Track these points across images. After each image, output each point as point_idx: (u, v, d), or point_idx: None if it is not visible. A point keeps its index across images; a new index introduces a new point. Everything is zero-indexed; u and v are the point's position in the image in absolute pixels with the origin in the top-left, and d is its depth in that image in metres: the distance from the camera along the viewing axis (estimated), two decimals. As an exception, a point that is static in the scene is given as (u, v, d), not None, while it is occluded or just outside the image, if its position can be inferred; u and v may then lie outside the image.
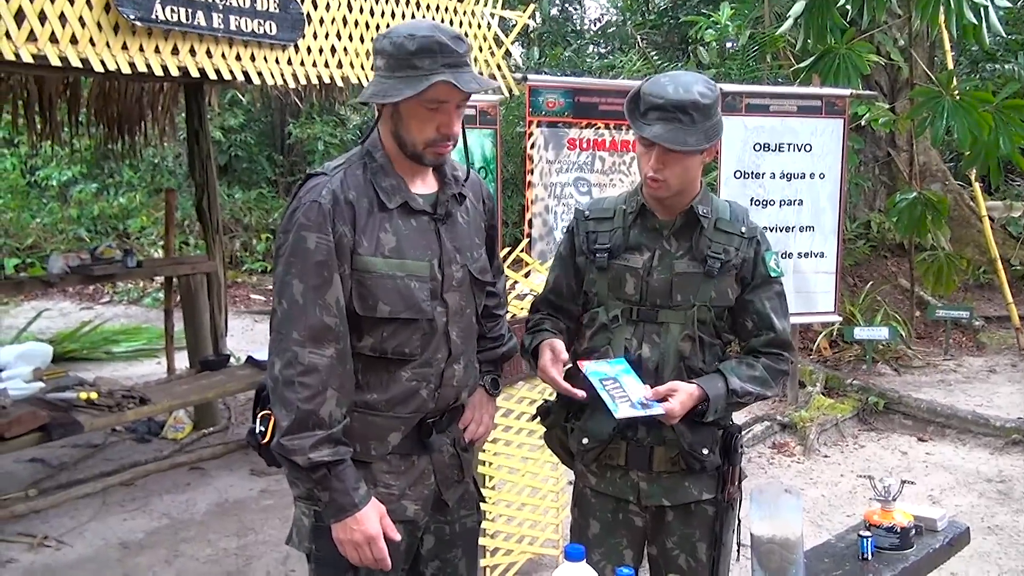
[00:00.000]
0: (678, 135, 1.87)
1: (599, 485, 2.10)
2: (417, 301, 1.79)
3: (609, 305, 2.05)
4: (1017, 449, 5.07)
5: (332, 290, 1.72)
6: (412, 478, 1.88)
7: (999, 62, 10.27)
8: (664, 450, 2.01)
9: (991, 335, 7.37)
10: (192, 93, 5.38)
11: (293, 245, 1.72)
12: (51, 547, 3.88)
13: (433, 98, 1.71)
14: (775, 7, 7.61)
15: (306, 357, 1.70)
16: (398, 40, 1.70)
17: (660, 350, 2.00)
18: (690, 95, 1.87)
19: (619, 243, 2.04)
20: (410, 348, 1.82)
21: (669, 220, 2.03)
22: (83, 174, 11.70)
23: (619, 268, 2.03)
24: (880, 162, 8.34)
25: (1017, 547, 3.89)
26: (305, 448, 1.69)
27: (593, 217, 2.11)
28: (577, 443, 2.10)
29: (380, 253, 1.77)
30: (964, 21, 5.26)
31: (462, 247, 1.90)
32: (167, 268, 5.61)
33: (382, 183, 1.79)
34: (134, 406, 3.98)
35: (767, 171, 4.80)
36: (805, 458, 5.09)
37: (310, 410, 1.69)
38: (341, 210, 1.73)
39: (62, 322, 8.54)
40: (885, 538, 2.13)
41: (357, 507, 1.73)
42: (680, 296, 2.00)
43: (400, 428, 1.84)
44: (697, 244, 2.01)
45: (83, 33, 2.83)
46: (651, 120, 1.89)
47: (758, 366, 2.04)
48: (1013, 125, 5.26)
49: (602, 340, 2.05)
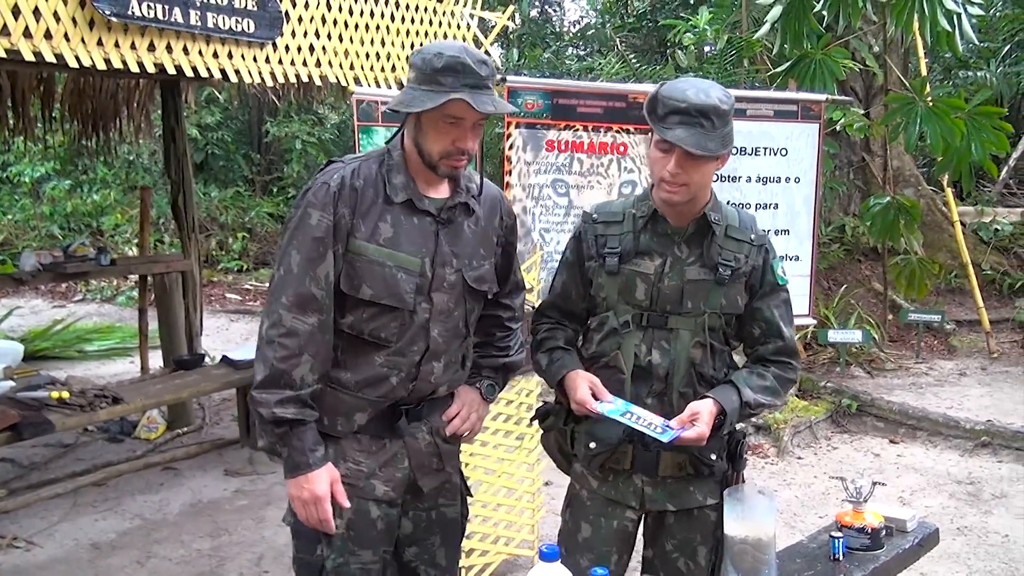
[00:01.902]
0: (700, 139, 1.87)
1: (600, 489, 2.10)
2: (400, 291, 1.89)
3: (619, 310, 2.04)
4: (986, 451, 5.14)
5: (324, 265, 1.85)
6: (382, 459, 1.97)
7: (972, 69, 10.43)
8: (671, 455, 2.02)
9: (962, 339, 7.47)
10: (168, 90, 5.34)
11: (299, 219, 1.87)
12: (21, 548, 3.84)
13: (450, 113, 1.83)
14: (752, 12, 7.66)
15: (289, 321, 1.83)
16: (428, 56, 1.83)
17: (671, 357, 2.01)
18: (711, 100, 1.88)
19: (630, 247, 2.04)
20: (386, 334, 1.91)
21: (681, 226, 2.03)
22: (56, 170, 11.56)
23: (630, 273, 2.03)
24: (855, 167, 8.42)
25: (985, 547, 3.94)
26: (271, 403, 1.81)
27: (602, 220, 2.09)
28: (583, 447, 2.10)
29: (375, 240, 1.88)
30: (938, 28, 5.32)
31: (461, 253, 1.98)
32: (142, 266, 5.57)
33: (393, 179, 1.92)
34: (107, 405, 3.94)
35: (743, 175, 4.83)
36: (779, 460, 5.13)
37: (283, 369, 1.82)
38: (346, 194, 1.87)
39: (34, 320, 8.43)
40: (856, 539, 2.15)
41: (311, 467, 1.84)
42: (691, 303, 2.01)
43: (367, 409, 1.94)
44: (708, 251, 2.01)
45: (58, 28, 2.80)
46: (671, 124, 1.89)
47: (768, 376, 2.06)
48: (985, 131, 5.32)
49: (611, 345, 2.05)
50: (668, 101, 1.90)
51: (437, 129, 1.86)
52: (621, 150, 4.41)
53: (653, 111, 1.95)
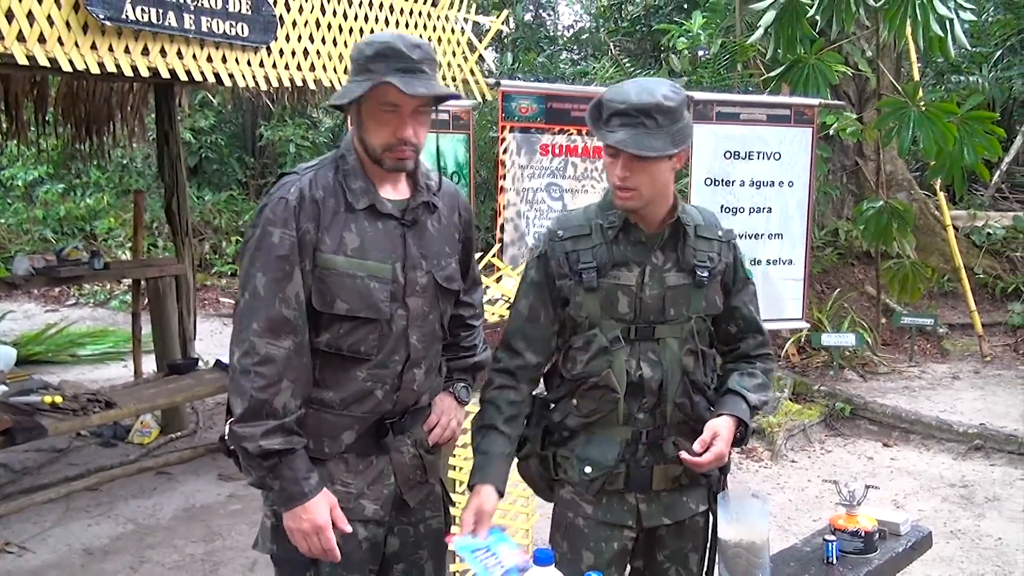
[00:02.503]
0: (642, 140, 1.79)
1: (596, 514, 1.99)
2: (375, 301, 1.83)
3: (604, 326, 1.93)
4: (979, 454, 5.16)
5: (292, 284, 1.76)
6: (370, 477, 1.90)
7: (964, 74, 10.48)
8: (664, 468, 1.97)
9: (955, 342, 7.50)
10: (162, 94, 5.33)
11: (259, 239, 1.77)
12: (13, 553, 3.82)
13: (383, 100, 1.76)
14: (746, 17, 7.69)
15: (263, 347, 1.74)
16: (361, 46, 1.78)
17: (662, 368, 1.93)
18: (653, 98, 1.80)
19: (605, 260, 1.93)
20: (366, 347, 1.84)
21: (656, 233, 1.94)
22: (49, 174, 11.53)
23: (610, 287, 1.92)
24: (848, 171, 8.45)
25: (979, 551, 3.95)
26: (256, 436, 1.72)
27: (569, 236, 1.96)
28: (577, 473, 1.98)
29: (342, 252, 1.80)
30: (930, 33, 5.35)
31: (429, 254, 1.92)
32: (135, 270, 5.56)
33: (351, 185, 1.84)
34: (100, 410, 3.93)
35: (737, 179, 4.85)
36: (773, 463, 5.14)
37: (264, 399, 1.73)
38: (307, 207, 1.78)
39: (26, 324, 8.41)
40: (850, 542, 2.16)
41: (307, 496, 1.76)
42: (673, 310, 1.94)
43: (354, 427, 1.87)
44: (683, 255, 1.95)
45: (51, 32, 2.80)
46: (614, 127, 1.82)
47: (758, 373, 2.04)
48: (977, 136, 5.36)
49: (601, 364, 1.93)
50: (610, 104, 1.83)
51: (376, 120, 1.79)
52: (615, 154, 4.41)
53: (598, 116, 1.88)
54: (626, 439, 1.95)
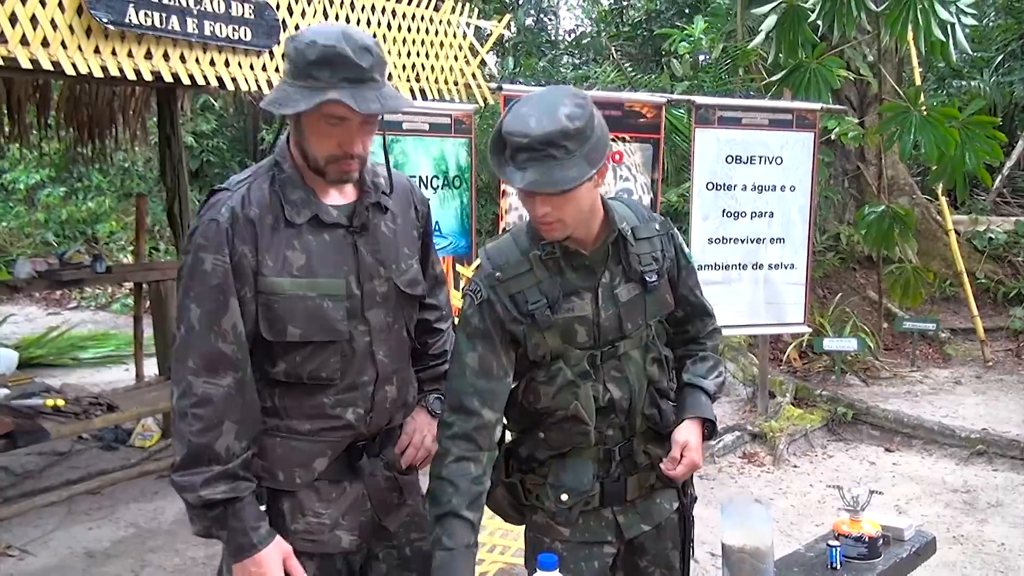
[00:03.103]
0: (554, 174, 1.63)
1: (573, 536, 1.91)
2: (331, 322, 1.68)
3: (567, 356, 1.82)
4: (982, 460, 5.15)
5: (228, 315, 1.61)
6: (344, 506, 1.78)
7: (965, 79, 10.49)
8: (637, 478, 1.93)
9: (957, 347, 7.49)
10: (164, 98, 5.34)
11: (191, 267, 1.62)
12: (15, 556, 3.82)
13: (330, 113, 1.60)
14: (747, 21, 7.70)
15: (200, 387, 1.60)
16: (300, 46, 1.58)
17: (629, 384, 1.86)
18: (556, 124, 1.62)
19: (555, 294, 1.79)
20: (327, 372, 1.71)
21: (597, 250, 1.82)
22: (51, 178, 11.54)
23: (566, 320, 1.80)
24: (849, 175, 8.45)
25: (982, 556, 3.94)
26: (196, 485, 1.59)
27: (509, 277, 1.79)
28: (553, 501, 1.88)
29: (287, 273, 1.66)
30: (932, 38, 5.35)
31: (386, 259, 1.78)
32: (137, 274, 5.56)
33: (290, 196, 1.68)
34: (101, 413, 3.94)
35: (739, 183, 4.85)
36: (775, 468, 5.13)
37: (204, 444, 1.59)
38: (240, 228, 1.63)
39: (28, 328, 8.41)
40: (853, 548, 2.16)
41: (256, 547, 1.62)
42: (631, 324, 1.85)
43: (327, 453, 1.74)
44: (629, 264, 1.85)
45: (55, 36, 2.80)
46: (521, 163, 1.65)
47: (708, 355, 2.00)
48: (979, 140, 5.35)
49: (567, 398, 1.82)
50: (511, 138, 1.65)
51: (319, 132, 1.63)
52: (617, 158, 4.41)
53: (501, 151, 1.69)
54: (598, 458, 1.89)
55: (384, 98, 1.60)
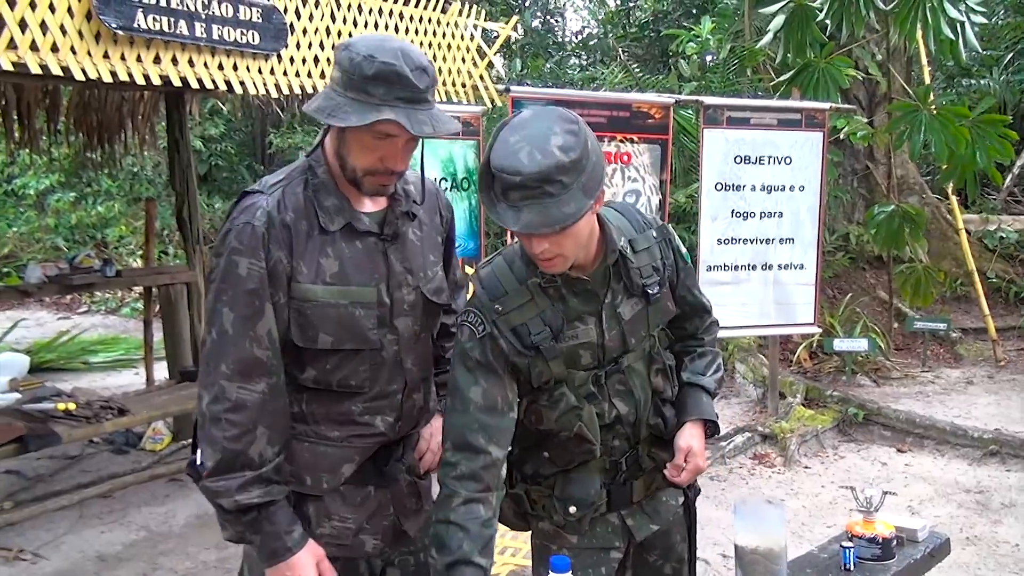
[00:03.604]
0: (551, 212, 1.54)
1: (582, 542, 1.88)
2: (362, 330, 1.68)
3: (571, 379, 1.77)
4: (995, 460, 5.12)
5: (264, 321, 1.61)
6: (369, 510, 1.78)
7: (975, 77, 10.45)
8: (643, 480, 1.91)
9: (968, 347, 7.45)
10: (173, 102, 5.35)
11: (224, 271, 1.61)
12: (27, 560, 3.83)
13: (380, 130, 1.59)
14: (755, 21, 7.69)
15: (234, 392, 1.59)
16: (357, 58, 1.56)
17: (634, 398, 1.83)
18: (550, 159, 1.53)
19: (559, 323, 1.73)
20: (357, 381, 1.71)
21: (596, 270, 1.75)
22: (61, 183, 11.60)
23: (571, 348, 1.75)
24: (859, 175, 8.43)
25: (995, 558, 3.92)
26: (232, 489, 1.59)
27: (511, 309, 1.72)
28: (562, 515, 1.85)
29: (321, 280, 1.65)
30: (941, 37, 5.33)
31: (414, 268, 1.78)
32: (147, 278, 5.58)
33: (324, 203, 1.67)
34: (112, 417, 3.95)
35: (747, 183, 4.84)
36: (786, 469, 5.11)
37: (238, 450, 1.59)
38: (276, 233, 1.62)
39: (38, 332, 8.44)
40: (867, 549, 2.14)
41: (291, 551, 1.63)
42: (634, 339, 1.81)
43: (354, 459, 1.74)
44: (630, 280, 1.79)
45: (64, 41, 2.81)
46: (515, 202, 1.56)
47: (707, 351, 1.98)
48: (989, 139, 5.33)
49: (570, 420, 1.78)
50: (503, 176, 1.55)
51: (363, 144, 1.62)
52: (625, 160, 4.41)
53: (490, 187, 1.60)
54: (604, 468, 1.86)
55: (435, 120, 1.60)
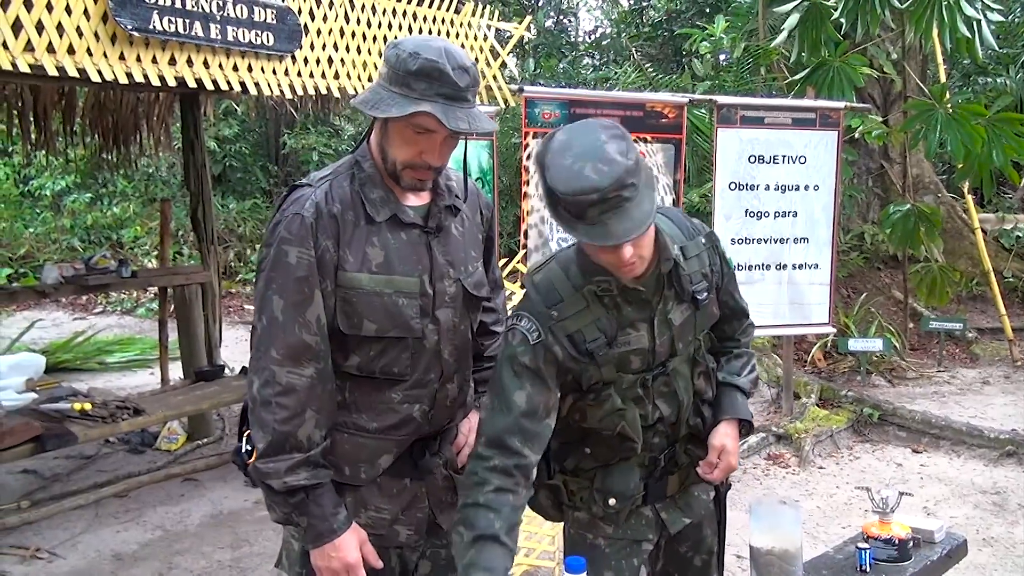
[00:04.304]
0: (635, 215, 1.59)
1: (617, 533, 1.93)
2: (405, 319, 1.73)
3: (619, 382, 1.81)
4: (1011, 460, 5.08)
5: (313, 307, 1.67)
6: (405, 501, 1.83)
7: (991, 75, 10.36)
8: (678, 475, 1.96)
9: (984, 346, 7.40)
10: (188, 103, 5.38)
11: (274, 259, 1.67)
12: (44, 559, 3.86)
13: (419, 124, 1.65)
14: (769, 20, 7.65)
15: (284, 377, 1.65)
16: (403, 55, 1.63)
17: (677, 399, 1.87)
18: (616, 167, 1.57)
19: (612, 330, 1.77)
20: (399, 368, 1.76)
21: (650, 280, 1.78)
22: (77, 184, 11.68)
23: (622, 354, 1.79)
24: (873, 174, 8.38)
25: (1012, 559, 3.89)
26: (281, 471, 1.64)
27: (567, 316, 1.75)
28: (601, 506, 1.90)
29: (367, 269, 1.71)
30: (957, 35, 5.30)
31: (455, 261, 1.83)
32: (162, 278, 5.61)
33: (370, 195, 1.73)
34: (128, 417, 3.97)
35: (762, 183, 4.82)
36: (800, 469, 5.09)
37: (287, 432, 1.64)
38: (324, 224, 1.68)
39: (55, 332, 8.51)
40: (883, 550, 2.13)
41: (336, 533, 1.68)
42: (682, 344, 1.86)
43: (392, 450, 1.79)
44: (681, 287, 1.83)
45: (80, 43, 2.82)
46: (595, 218, 1.58)
47: (743, 352, 2.03)
48: (1006, 138, 5.29)
49: (614, 420, 1.82)
50: (578, 198, 1.57)
51: (404, 137, 1.68)
52: (639, 159, 4.39)
53: (566, 213, 1.62)
54: (643, 464, 1.91)
55: (472, 118, 1.65)
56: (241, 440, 1.82)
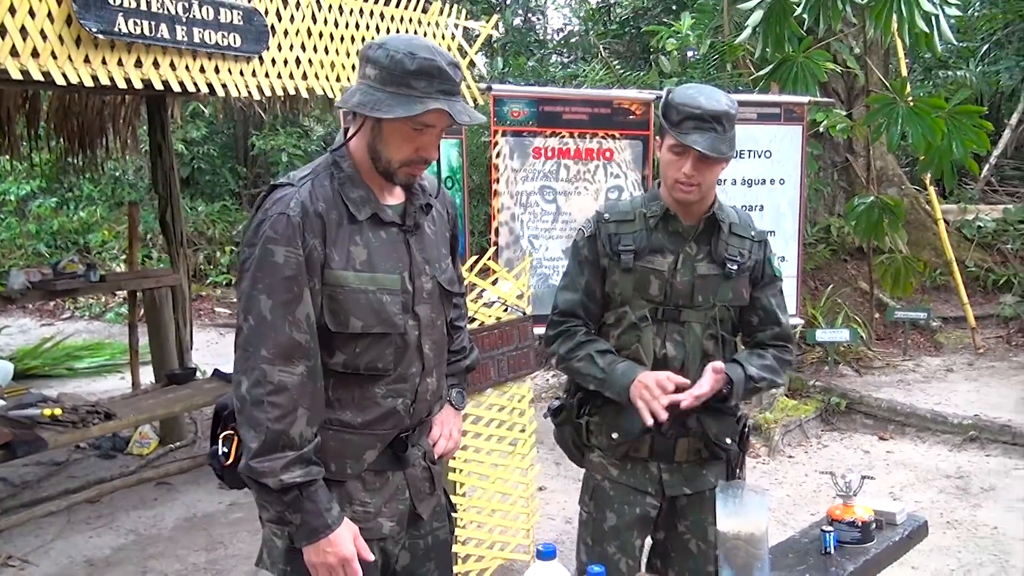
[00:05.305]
0: (715, 143, 2.00)
1: (620, 477, 2.23)
2: (389, 315, 1.77)
3: (634, 304, 2.16)
4: (974, 446, 5.20)
5: (302, 306, 1.68)
6: (387, 495, 1.86)
7: (951, 69, 10.54)
8: (687, 441, 2.18)
9: (948, 335, 7.53)
10: (154, 106, 5.35)
11: (260, 259, 1.67)
12: (15, 567, 3.83)
13: (423, 121, 1.69)
14: (734, 17, 7.73)
15: (275, 375, 1.66)
16: (397, 56, 1.66)
17: (685, 348, 2.15)
18: (722, 106, 2.01)
19: (643, 245, 2.15)
20: (383, 363, 1.79)
21: (692, 225, 2.15)
22: (42, 188, 11.52)
23: (644, 270, 2.14)
24: (838, 167, 8.49)
25: (975, 540, 3.99)
26: (276, 470, 1.65)
27: (614, 220, 2.19)
28: (606, 437, 2.22)
29: (352, 267, 1.73)
30: (916, 29, 5.39)
31: (431, 258, 1.88)
32: (131, 282, 5.56)
33: (351, 194, 1.76)
34: (99, 421, 3.94)
35: (728, 177, 4.88)
36: (770, 459, 5.17)
37: (280, 430, 1.66)
38: (311, 223, 1.69)
39: (22, 339, 8.39)
40: (847, 532, 2.18)
41: (330, 528, 1.70)
42: (701, 297, 2.14)
43: (376, 445, 1.82)
44: (716, 248, 2.15)
45: (44, 46, 2.81)
46: (687, 129, 2.00)
47: (768, 356, 2.22)
48: (965, 130, 5.39)
49: (631, 339, 2.17)
50: (683, 108, 2.01)
51: (402, 136, 1.71)
52: (607, 155, 4.45)
53: (667, 116, 2.05)
54: None
55: (470, 111, 1.74)
56: (216, 443, 1.83)
